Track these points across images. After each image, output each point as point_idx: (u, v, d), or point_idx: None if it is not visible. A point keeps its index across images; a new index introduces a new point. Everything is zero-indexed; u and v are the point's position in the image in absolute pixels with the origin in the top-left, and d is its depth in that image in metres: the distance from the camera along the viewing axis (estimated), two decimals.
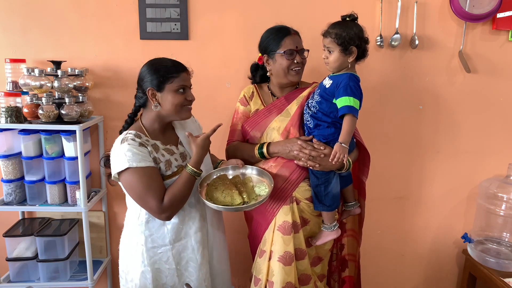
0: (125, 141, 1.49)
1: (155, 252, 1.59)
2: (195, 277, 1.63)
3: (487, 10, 2.09)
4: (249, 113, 1.87)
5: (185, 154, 1.65)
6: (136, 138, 1.51)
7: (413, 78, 2.26)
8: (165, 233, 1.59)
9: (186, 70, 1.57)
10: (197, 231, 1.62)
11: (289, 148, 1.70)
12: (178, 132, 1.69)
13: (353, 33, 1.60)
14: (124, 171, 1.47)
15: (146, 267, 1.59)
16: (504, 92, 2.29)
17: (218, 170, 1.72)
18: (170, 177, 1.56)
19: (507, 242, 2.28)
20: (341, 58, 1.62)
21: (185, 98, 1.56)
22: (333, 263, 2.04)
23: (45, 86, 1.97)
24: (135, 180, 1.47)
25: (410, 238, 2.48)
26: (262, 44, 1.81)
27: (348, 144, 1.60)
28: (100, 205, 2.34)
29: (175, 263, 1.61)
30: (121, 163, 1.47)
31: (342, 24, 1.62)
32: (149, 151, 1.51)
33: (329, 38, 1.62)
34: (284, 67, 1.74)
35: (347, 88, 1.59)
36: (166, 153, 1.58)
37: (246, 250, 2.00)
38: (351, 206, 1.91)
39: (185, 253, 1.62)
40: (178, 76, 1.53)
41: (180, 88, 1.54)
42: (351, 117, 1.60)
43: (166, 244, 1.59)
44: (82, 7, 2.13)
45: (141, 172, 1.47)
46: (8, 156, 2.02)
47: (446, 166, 2.37)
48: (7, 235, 2.08)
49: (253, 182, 1.70)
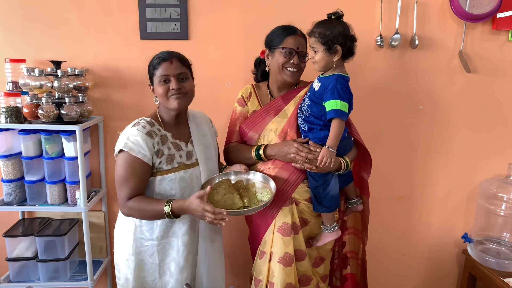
0: (136, 126, 1.55)
1: (142, 243, 1.61)
2: (174, 279, 1.63)
3: (487, 10, 2.09)
4: (247, 114, 1.87)
5: (192, 153, 1.65)
6: (147, 125, 1.56)
7: (413, 78, 2.26)
8: (154, 227, 1.60)
9: (169, 60, 1.56)
10: (185, 234, 1.62)
11: (285, 151, 1.70)
12: (192, 130, 1.70)
13: (337, 31, 1.58)
14: (119, 152, 1.54)
15: (131, 256, 1.62)
16: (504, 92, 2.29)
17: (221, 175, 1.71)
18: (167, 172, 1.57)
19: (507, 242, 2.28)
20: (326, 57, 1.61)
21: (168, 88, 1.56)
22: (335, 261, 2.03)
23: (45, 86, 1.97)
24: (121, 164, 1.53)
25: (410, 238, 2.48)
26: (267, 38, 1.80)
27: (335, 148, 1.59)
28: (100, 205, 2.34)
29: (159, 259, 1.62)
30: (120, 143, 1.53)
31: (326, 23, 1.61)
32: (153, 143, 1.54)
33: (313, 37, 1.61)
34: (279, 63, 1.74)
35: (334, 91, 1.58)
36: (173, 147, 1.60)
37: (246, 252, 2.00)
38: (354, 203, 1.91)
39: (170, 251, 1.63)
40: (159, 67, 1.56)
41: (162, 79, 1.55)
42: (338, 121, 1.59)
43: (153, 239, 1.60)
44: (82, 7, 2.13)
45: (129, 161, 1.51)
46: (8, 156, 2.02)
47: (446, 166, 2.37)
48: (7, 235, 2.08)
49: (256, 188, 1.69)
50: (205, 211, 1.42)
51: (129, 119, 1.66)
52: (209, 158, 1.71)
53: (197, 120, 1.75)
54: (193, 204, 1.45)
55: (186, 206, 1.47)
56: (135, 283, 1.63)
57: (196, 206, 1.44)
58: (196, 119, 1.76)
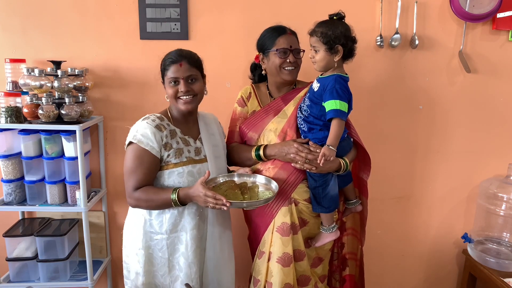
0: (146, 119, 1.59)
1: (151, 237, 1.63)
2: (183, 273, 1.64)
3: (487, 10, 2.09)
4: (247, 114, 1.87)
5: (200, 150, 1.68)
6: (156, 119, 1.60)
7: (413, 78, 2.26)
8: (163, 221, 1.62)
9: (178, 62, 1.58)
10: (193, 228, 1.63)
11: (285, 151, 1.70)
12: (201, 128, 1.72)
13: (339, 32, 1.59)
14: (129, 145, 1.59)
15: (140, 250, 1.63)
16: (504, 92, 2.29)
17: (224, 176, 1.71)
18: (176, 166, 1.59)
19: (507, 242, 2.28)
20: (327, 57, 1.62)
21: (177, 90, 1.59)
22: (334, 262, 2.03)
23: (45, 86, 1.97)
24: (129, 156, 1.57)
25: (410, 238, 2.48)
26: (259, 42, 1.82)
27: (335, 147, 1.59)
28: (100, 205, 2.34)
29: (168, 253, 1.63)
30: (130, 135, 1.58)
31: (328, 23, 1.61)
32: (162, 136, 1.57)
33: (314, 37, 1.62)
34: (276, 65, 1.74)
35: (333, 91, 1.59)
36: (182, 142, 1.63)
37: (246, 251, 2.00)
38: (353, 204, 1.91)
39: (178, 246, 1.64)
40: (169, 68, 1.59)
41: (172, 80, 1.59)
42: (338, 121, 1.59)
43: (162, 233, 1.62)
44: (82, 7, 2.13)
45: (137, 153, 1.55)
46: (8, 156, 2.02)
47: (446, 166, 2.37)
48: (7, 235, 2.08)
49: (258, 189, 1.69)
50: (206, 196, 1.46)
51: (129, 119, 1.67)
52: (218, 157, 1.73)
53: (206, 120, 1.77)
54: (196, 190, 1.49)
55: (191, 193, 1.51)
56: (145, 278, 1.65)
57: (198, 192, 1.48)
58: (206, 119, 1.78)
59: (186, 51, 1.63)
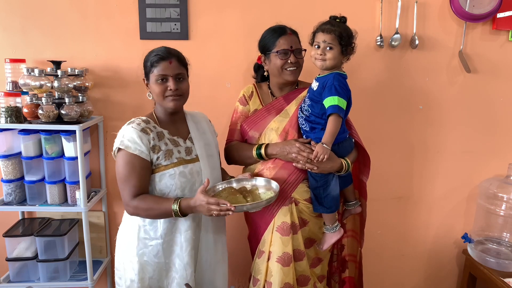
0: (131, 124, 1.56)
1: (146, 244, 1.60)
2: (179, 275, 1.63)
3: (487, 10, 2.09)
4: (248, 113, 1.87)
5: (191, 150, 1.65)
6: (142, 123, 1.56)
7: (413, 78, 2.26)
8: (158, 226, 1.59)
9: (168, 59, 1.54)
10: (187, 229, 1.61)
11: (287, 150, 1.70)
12: (191, 128, 1.69)
13: (351, 34, 1.63)
14: (118, 151, 1.55)
15: (134, 257, 1.60)
16: (504, 92, 2.29)
17: (223, 183, 1.70)
18: (166, 168, 1.56)
19: (507, 242, 2.28)
20: (339, 56, 1.63)
21: (166, 88, 1.55)
22: (333, 264, 2.03)
23: (45, 86, 1.97)
24: (120, 163, 1.54)
25: (410, 238, 2.48)
26: (260, 44, 1.82)
27: (330, 145, 1.59)
28: (100, 205, 2.34)
29: (164, 257, 1.61)
30: (117, 142, 1.54)
31: (340, 24, 1.63)
32: (149, 139, 1.53)
33: (333, 34, 1.60)
34: (278, 66, 1.74)
35: (332, 88, 1.59)
36: (170, 143, 1.59)
37: (246, 251, 2.00)
38: (352, 205, 1.91)
39: (174, 247, 1.62)
40: (157, 65, 1.54)
41: (159, 78, 1.54)
42: (335, 117, 1.59)
43: (157, 238, 1.59)
44: (82, 7, 2.13)
45: (127, 159, 1.52)
46: (8, 156, 2.02)
47: (446, 166, 2.37)
48: (7, 235, 2.08)
49: (259, 191, 1.69)
50: (209, 204, 1.43)
51: (129, 119, 1.66)
52: (211, 155, 1.70)
53: (195, 119, 1.74)
54: (198, 199, 1.46)
55: (192, 203, 1.48)
56: (141, 284, 1.62)
57: (200, 201, 1.45)
58: (195, 118, 1.75)
59: (173, 49, 1.60)
